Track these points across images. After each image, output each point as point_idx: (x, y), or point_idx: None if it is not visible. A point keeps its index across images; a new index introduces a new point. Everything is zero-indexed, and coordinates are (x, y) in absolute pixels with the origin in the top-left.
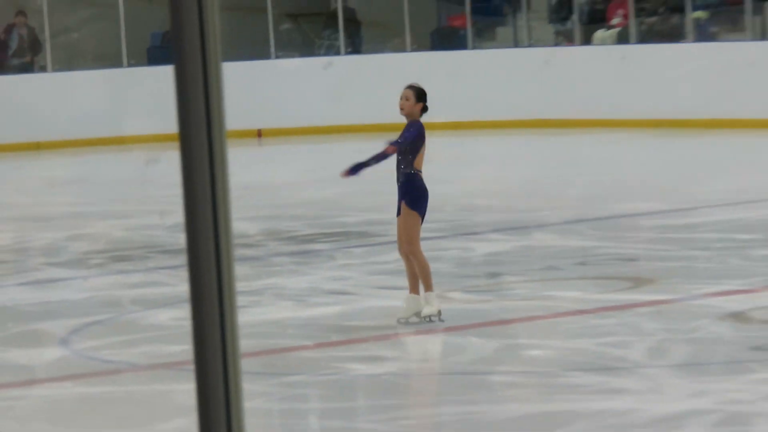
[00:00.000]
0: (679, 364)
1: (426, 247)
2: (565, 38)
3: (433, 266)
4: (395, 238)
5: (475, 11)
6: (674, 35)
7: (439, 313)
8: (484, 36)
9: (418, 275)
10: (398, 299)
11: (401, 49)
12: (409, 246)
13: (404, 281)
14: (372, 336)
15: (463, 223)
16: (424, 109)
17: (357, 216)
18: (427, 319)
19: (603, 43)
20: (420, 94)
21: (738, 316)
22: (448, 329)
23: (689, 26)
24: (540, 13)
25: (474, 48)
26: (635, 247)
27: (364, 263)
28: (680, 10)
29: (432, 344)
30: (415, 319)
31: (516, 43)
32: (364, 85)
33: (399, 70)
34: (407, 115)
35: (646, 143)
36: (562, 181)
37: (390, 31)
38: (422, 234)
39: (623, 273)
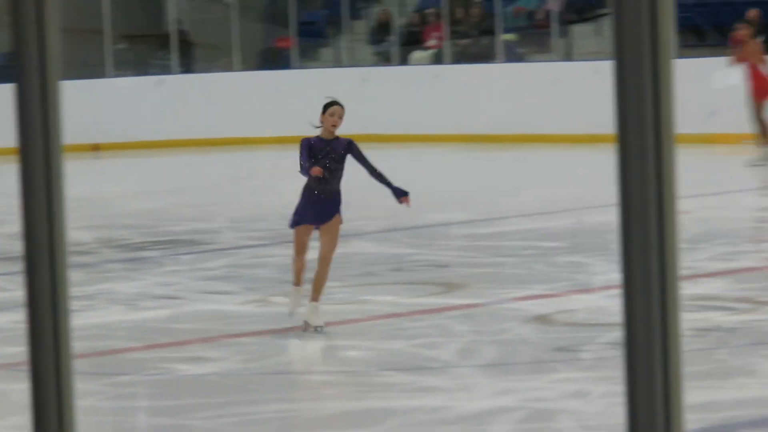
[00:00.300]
0: (487, 364)
1: (250, 255)
2: (383, 59)
3: (257, 273)
4: (221, 246)
5: (299, 33)
6: (486, 56)
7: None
8: (308, 56)
9: (322, 283)
10: (224, 303)
11: (230, 68)
12: (333, 253)
13: (230, 286)
14: (198, 338)
15: (285, 231)
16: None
17: (185, 225)
18: (320, 330)
19: (419, 63)
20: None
21: (542, 319)
22: (271, 331)
23: (500, 48)
24: (360, 35)
25: (298, 68)
26: (447, 254)
27: (192, 269)
28: (491, 32)
29: (254, 345)
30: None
31: (338, 63)
32: (196, 102)
33: (228, 88)
34: (334, 132)
35: (459, 157)
36: (379, 193)
37: (220, 52)
38: (247, 242)
39: (435, 278)
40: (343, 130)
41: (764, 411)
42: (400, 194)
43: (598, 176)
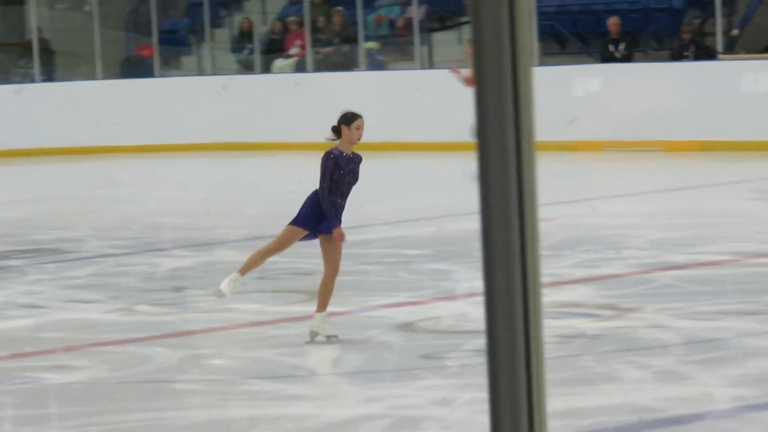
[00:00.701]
0: (352, 372)
1: (114, 263)
2: (246, 67)
3: (121, 281)
4: (85, 255)
5: (162, 41)
6: (348, 64)
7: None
8: (171, 65)
9: (328, 293)
10: (89, 312)
11: (92, 76)
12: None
13: (94, 295)
14: (63, 347)
15: (149, 240)
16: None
17: (48, 234)
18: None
19: (282, 71)
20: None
21: (408, 327)
22: (135, 340)
23: (362, 56)
24: (223, 43)
25: (161, 76)
26: (311, 262)
27: (56, 278)
28: (353, 40)
29: (119, 354)
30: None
31: (200, 72)
32: (57, 111)
33: (90, 96)
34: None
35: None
36: (241, 201)
37: (81, 60)
38: (111, 251)
39: (299, 287)
40: (203, 139)
41: (628, 417)
42: (331, 227)
43: (459, 184)
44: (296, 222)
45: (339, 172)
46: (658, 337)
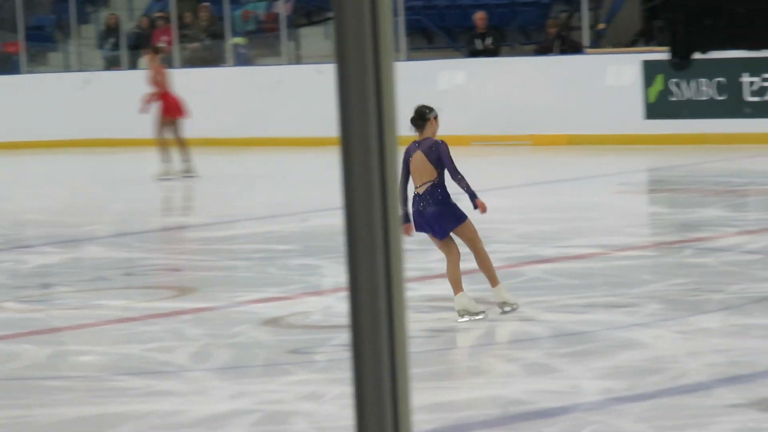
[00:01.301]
0: (221, 368)
1: None
2: (112, 63)
3: None
4: None
5: (28, 38)
6: (215, 60)
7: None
8: (37, 61)
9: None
10: None
11: None
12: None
13: None
14: None
15: (15, 237)
16: (413, 122)
17: None
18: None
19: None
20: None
21: (276, 322)
22: (3, 337)
23: (229, 51)
24: (90, 39)
25: (27, 72)
26: (179, 258)
27: None
28: (220, 36)
29: None
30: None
31: (67, 68)
32: None
33: None
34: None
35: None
36: (108, 197)
37: None
38: None
39: (168, 282)
40: (69, 136)
41: (496, 410)
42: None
43: (326, 179)
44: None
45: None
46: (526, 330)
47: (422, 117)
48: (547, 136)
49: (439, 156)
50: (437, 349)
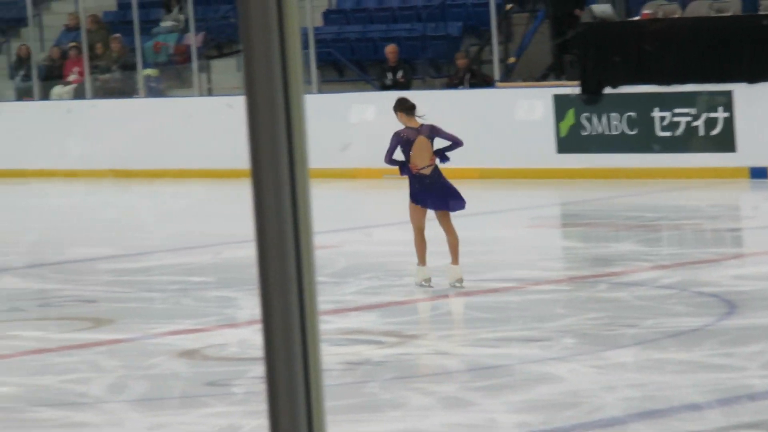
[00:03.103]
0: (138, 399)
1: None
2: (24, 94)
3: None
4: None
5: None
6: (127, 91)
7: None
8: None
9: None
10: None
11: None
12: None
13: None
14: None
15: None
16: (407, 111)
17: None
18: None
19: (61, 98)
20: (394, 105)
21: (192, 354)
22: None
23: (141, 83)
24: (0, 70)
25: None
26: (94, 290)
27: None
28: (132, 67)
29: None
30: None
31: None
32: None
33: None
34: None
35: (101, 191)
36: (19, 228)
37: None
38: None
39: (83, 314)
40: None
41: None
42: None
43: (238, 211)
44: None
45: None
46: (441, 363)
47: (413, 105)
48: (459, 169)
49: (437, 136)
50: (353, 381)
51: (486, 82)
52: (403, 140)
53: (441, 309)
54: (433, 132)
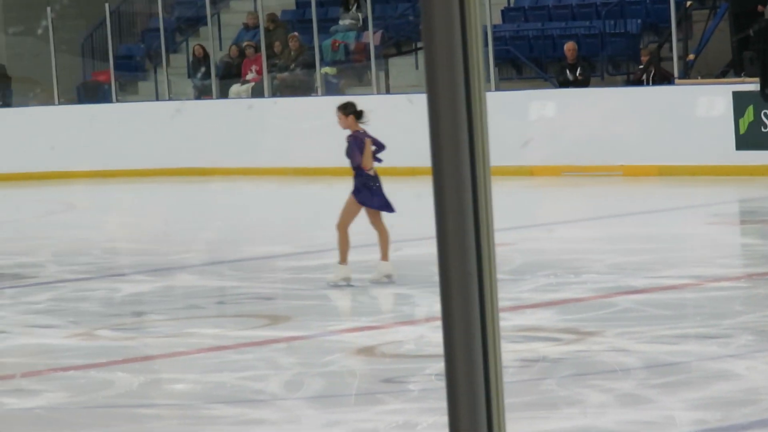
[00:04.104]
0: (314, 396)
1: (73, 288)
2: (203, 92)
3: (80, 306)
4: (44, 280)
5: (118, 67)
6: (305, 89)
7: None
8: (128, 89)
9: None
10: (49, 337)
11: (49, 102)
12: (338, 222)
13: (54, 320)
14: (22, 371)
15: (108, 265)
16: (358, 116)
17: (7, 259)
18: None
19: (239, 96)
20: (345, 108)
21: (369, 351)
22: (96, 365)
23: (319, 81)
24: (179, 68)
25: (117, 101)
26: (271, 287)
27: (15, 303)
28: (310, 66)
29: (80, 379)
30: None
31: (157, 97)
32: (13, 136)
33: (47, 121)
34: (346, 128)
35: (279, 190)
36: (199, 226)
37: (38, 85)
38: (70, 276)
39: (260, 311)
40: (160, 164)
41: None
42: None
43: (417, 208)
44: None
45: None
46: (619, 360)
47: (363, 111)
48: (638, 166)
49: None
50: (530, 379)
51: (665, 79)
52: (359, 142)
53: (618, 306)
54: (368, 135)
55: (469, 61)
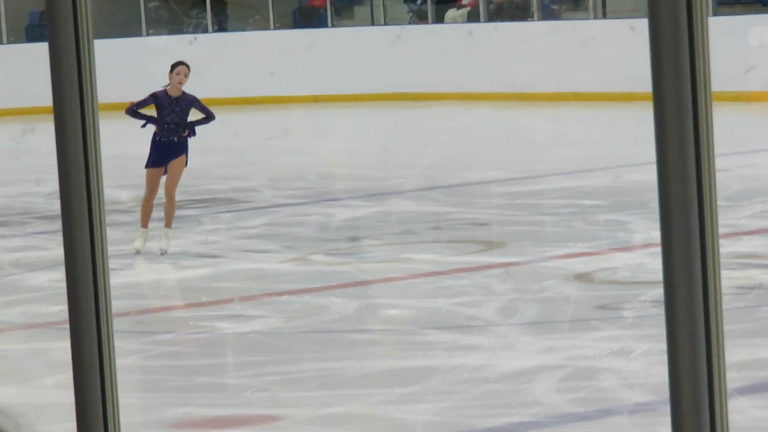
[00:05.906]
0: (529, 323)
1: (289, 213)
2: (418, 17)
3: (295, 231)
4: (259, 205)
5: None
6: (521, 14)
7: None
8: (343, 14)
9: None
10: (264, 262)
11: (265, 27)
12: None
13: (269, 245)
14: (238, 296)
15: (323, 190)
16: (185, 77)
17: (223, 184)
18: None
19: (454, 21)
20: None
21: (583, 277)
22: (311, 290)
23: (535, 6)
24: None
25: (333, 26)
26: (486, 213)
27: (231, 228)
28: None
29: (295, 304)
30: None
31: (372, 22)
32: (229, 62)
33: (262, 46)
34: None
35: (495, 116)
36: (415, 151)
37: (254, 10)
38: (286, 201)
39: (475, 237)
40: (376, 89)
41: None
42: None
43: (635, 134)
44: (150, 164)
45: (163, 109)
46: None
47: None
48: None
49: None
50: (746, 306)
51: None
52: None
53: None
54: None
55: None
